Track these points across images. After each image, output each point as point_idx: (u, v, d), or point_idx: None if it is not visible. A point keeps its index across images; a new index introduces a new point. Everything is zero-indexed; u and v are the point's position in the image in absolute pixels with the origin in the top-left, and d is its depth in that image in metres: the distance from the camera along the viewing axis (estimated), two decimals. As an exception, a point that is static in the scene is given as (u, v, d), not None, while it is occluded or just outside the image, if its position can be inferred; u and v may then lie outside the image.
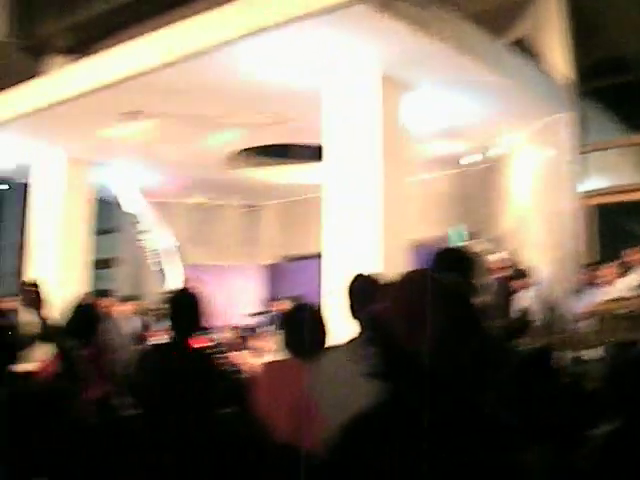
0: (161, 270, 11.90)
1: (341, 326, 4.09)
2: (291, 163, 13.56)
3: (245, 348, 10.49)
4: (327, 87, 9.01)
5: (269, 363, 4.56)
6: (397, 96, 8.96)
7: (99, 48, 11.41)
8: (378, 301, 3.45)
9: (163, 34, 8.97)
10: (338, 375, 3.65)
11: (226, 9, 8.22)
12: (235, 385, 4.72)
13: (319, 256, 9.65)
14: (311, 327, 4.29)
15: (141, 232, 11.70)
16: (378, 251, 8.61)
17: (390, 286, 2.42)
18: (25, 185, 17.43)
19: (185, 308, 4.73)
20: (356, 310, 3.95)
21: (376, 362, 2.23)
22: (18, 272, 18.67)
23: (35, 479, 3.15)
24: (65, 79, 10.46)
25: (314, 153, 12.70)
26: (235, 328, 13.38)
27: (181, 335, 4.67)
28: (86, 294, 10.43)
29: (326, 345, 4.27)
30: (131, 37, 9.79)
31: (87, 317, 6.03)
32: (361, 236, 8.75)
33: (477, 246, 11.00)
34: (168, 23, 9.17)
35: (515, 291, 9.90)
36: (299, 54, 8.35)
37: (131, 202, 11.65)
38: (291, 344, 4.33)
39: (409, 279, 2.36)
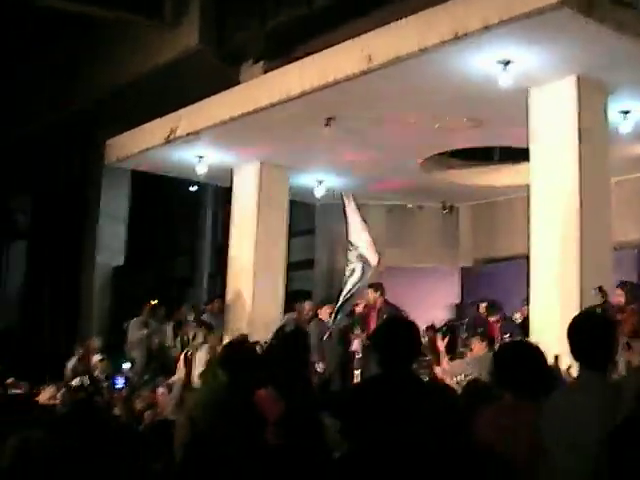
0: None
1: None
2: (486, 165, 13.81)
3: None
4: (530, 90, 9.35)
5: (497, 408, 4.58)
6: (597, 98, 9.23)
7: (293, 55, 12.01)
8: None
9: (362, 40, 9.39)
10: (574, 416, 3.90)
11: (427, 14, 8.64)
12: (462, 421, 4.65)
13: (517, 258, 9.80)
14: (532, 366, 4.42)
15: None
16: (578, 253, 8.83)
17: None
18: (216, 188, 18.50)
19: (403, 339, 4.74)
20: (581, 350, 4.10)
21: None
22: (215, 273, 19.75)
23: None
24: (262, 87, 11.09)
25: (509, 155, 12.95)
26: (430, 329, 13.68)
27: (400, 366, 4.67)
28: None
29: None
30: (326, 43, 10.31)
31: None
32: (562, 238, 9.00)
33: None
34: (362, 29, 9.62)
35: None
36: (501, 58, 8.64)
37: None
38: (512, 382, 4.42)
39: None
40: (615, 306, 9.96)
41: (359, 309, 12.50)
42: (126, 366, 12.18)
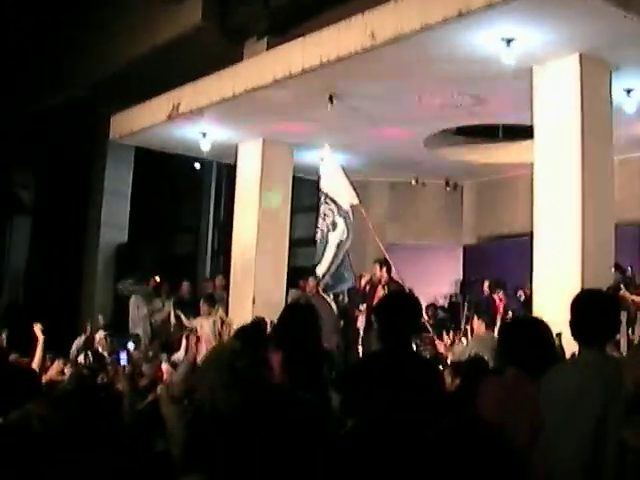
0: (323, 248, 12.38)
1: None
2: (489, 142, 13.84)
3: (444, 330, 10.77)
4: (533, 68, 9.35)
5: (498, 379, 4.61)
6: (601, 76, 9.22)
7: (297, 32, 11.99)
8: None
9: (365, 17, 9.33)
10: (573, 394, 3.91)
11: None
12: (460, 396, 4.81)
13: (520, 236, 9.81)
14: (537, 342, 4.42)
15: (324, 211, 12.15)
16: (580, 231, 8.88)
17: None
18: (220, 165, 18.55)
19: (405, 313, 4.77)
20: (582, 327, 4.11)
21: None
22: (218, 250, 19.81)
23: None
24: (265, 64, 11.08)
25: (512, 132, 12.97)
26: (432, 307, 13.75)
27: (399, 341, 4.71)
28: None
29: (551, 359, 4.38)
30: (329, 20, 10.30)
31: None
32: (565, 216, 9.04)
33: None
34: (366, 6, 9.60)
35: None
36: (505, 35, 8.62)
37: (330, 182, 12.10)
38: (516, 358, 4.42)
39: None
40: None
41: (362, 284, 12.56)
42: (131, 345, 12.19)
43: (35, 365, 8.56)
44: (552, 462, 3.94)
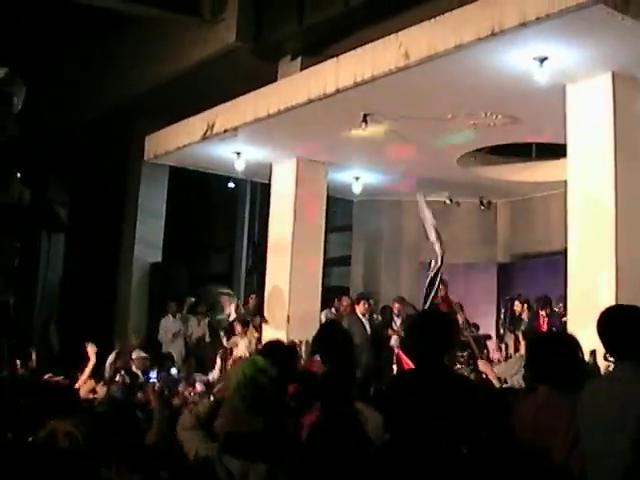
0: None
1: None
2: (523, 161, 13.94)
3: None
4: (566, 86, 9.48)
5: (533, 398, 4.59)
6: (633, 94, 9.31)
7: (331, 51, 12.17)
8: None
9: (399, 37, 9.47)
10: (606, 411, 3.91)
11: (464, 11, 8.74)
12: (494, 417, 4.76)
13: (554, 254, 9.84)
14: (564, 356, 4.44)
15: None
16: (614, 249, 8.95)
17: None
18: (254, 184, 18.74)
19: (435, 332, 4.77)
20: (614, 342, 4.11)
21: None
22: (252, 269, 19.98)
23: None
24: (299, 84, 11.25)
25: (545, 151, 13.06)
26: (470, 325, 13.83)
27: (435, 358, 4.71)
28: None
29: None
30: (363, 40, 10.47)
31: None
32: (599, 234, 9.15)
33: None
34: (399, 26, 9.77)
35: None
36: (538, 54, 8.76)
37: None
38: (544, 374, 4.45)
39: None
40: None
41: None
42: (174, 371, 12.15)
43: (79, 384, 8.71)
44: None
